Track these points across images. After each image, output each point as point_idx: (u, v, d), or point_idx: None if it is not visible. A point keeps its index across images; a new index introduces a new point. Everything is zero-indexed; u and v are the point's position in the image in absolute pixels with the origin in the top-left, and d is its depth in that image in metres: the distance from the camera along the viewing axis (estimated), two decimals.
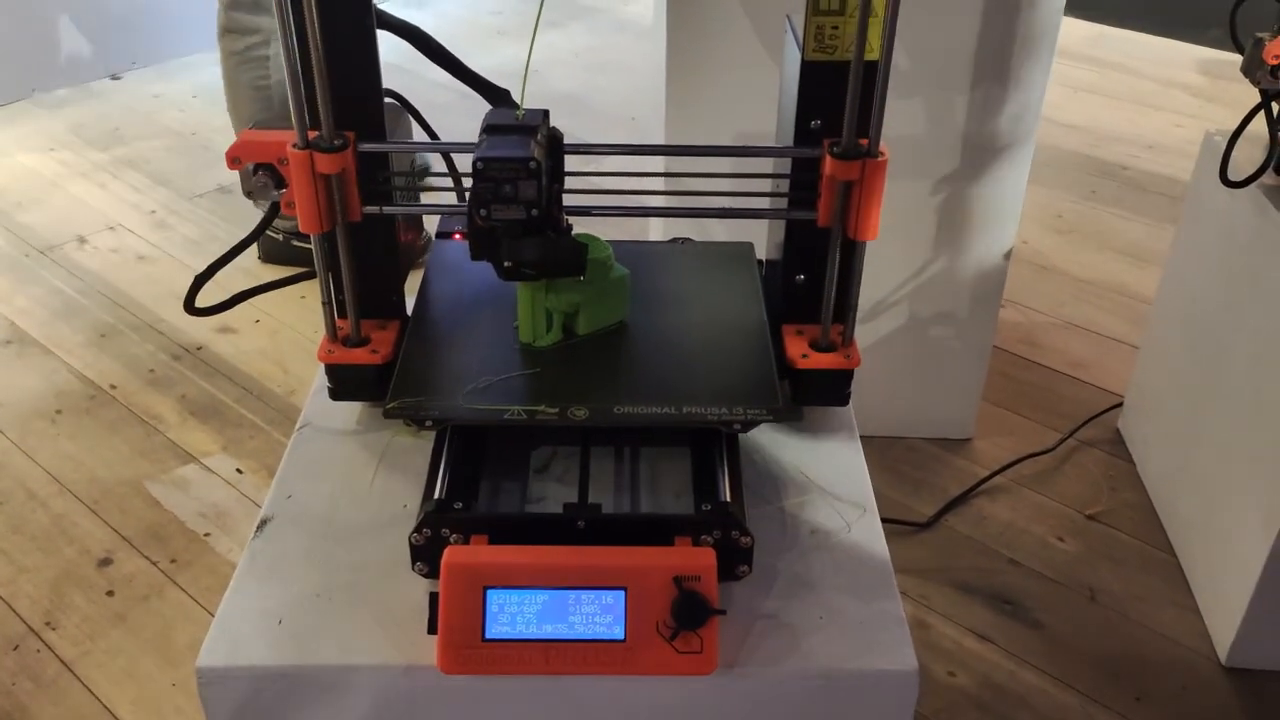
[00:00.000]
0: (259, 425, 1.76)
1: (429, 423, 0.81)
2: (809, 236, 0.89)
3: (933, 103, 1.47)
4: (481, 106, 0.89)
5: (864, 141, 0.83)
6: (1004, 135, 1.51)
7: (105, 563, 1.53)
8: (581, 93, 2.96)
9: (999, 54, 1.45)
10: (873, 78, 0.80)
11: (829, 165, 0.84)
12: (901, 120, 1.47)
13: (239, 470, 1.68)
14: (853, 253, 0.88)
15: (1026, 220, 2.31)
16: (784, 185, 0.90)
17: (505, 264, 0.81)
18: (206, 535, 1.58)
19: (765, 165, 0.92)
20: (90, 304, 2.06)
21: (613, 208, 0.87)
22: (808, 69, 0.84)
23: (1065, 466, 1.70)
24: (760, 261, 1.03)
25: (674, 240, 1.06)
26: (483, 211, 0.78)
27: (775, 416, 0.81)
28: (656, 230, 1.57)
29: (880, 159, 0.82)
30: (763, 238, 1.05)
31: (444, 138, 0.96)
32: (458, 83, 0.93)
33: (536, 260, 0.82)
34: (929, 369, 1.69)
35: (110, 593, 1.49)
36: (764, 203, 0.94)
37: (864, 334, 1.64)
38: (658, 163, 0.87)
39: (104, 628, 1.44)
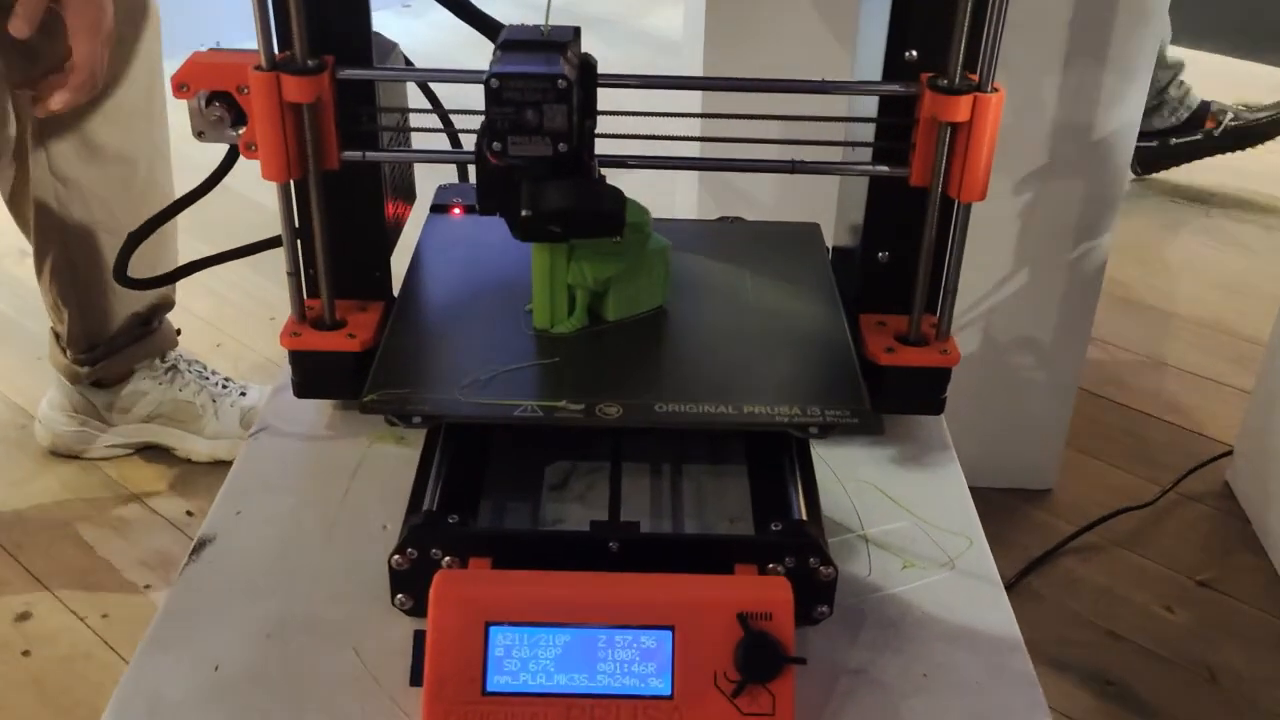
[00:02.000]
0: (216, 459, 1.68)
1: (417, 419, 0.76)
2: (896, 200, 0.84)
3: (1017, 80, 1.39)
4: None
5: (973, 76, 0.78)
6: (1102, 126, 1.43)
7: (23, 617, 1.45)
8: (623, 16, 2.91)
9: (1099, 27, 1.37)
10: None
11: (929, 103, 0.78)
12: None
13: (189, 513, 1.60)
14: (954, 219, 0.82)
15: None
16: (862, 137, 0.85)
17: (524, 214, 0.76)
18: (147, 587, 1.49)
19: (837, 110, 0.87)
20: (30, 323, 1.98)
21: (655, 158, 0.83)
22: None
23: (1167, 523, 1.63)
24: (827, 248, 1.00)
25: (721, 219, 1.03)
26: (496, 145, 0.73)
27: (861, 420, 0.76)
28: (693, 202, 1.50)
29: (996, 95, 0.77)
30: (826, 218, 0.99)
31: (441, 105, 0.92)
32: (450, 35, 0.88)
33: (565, 210, 0.76)
34: (1004, 406, 1.62)
35: (26, 653, 1.40)
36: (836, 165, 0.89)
37: None
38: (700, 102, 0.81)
39: (14, 694, 1.34)
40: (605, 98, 0.78)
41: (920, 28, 0.79)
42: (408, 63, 0.91)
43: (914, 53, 0.79)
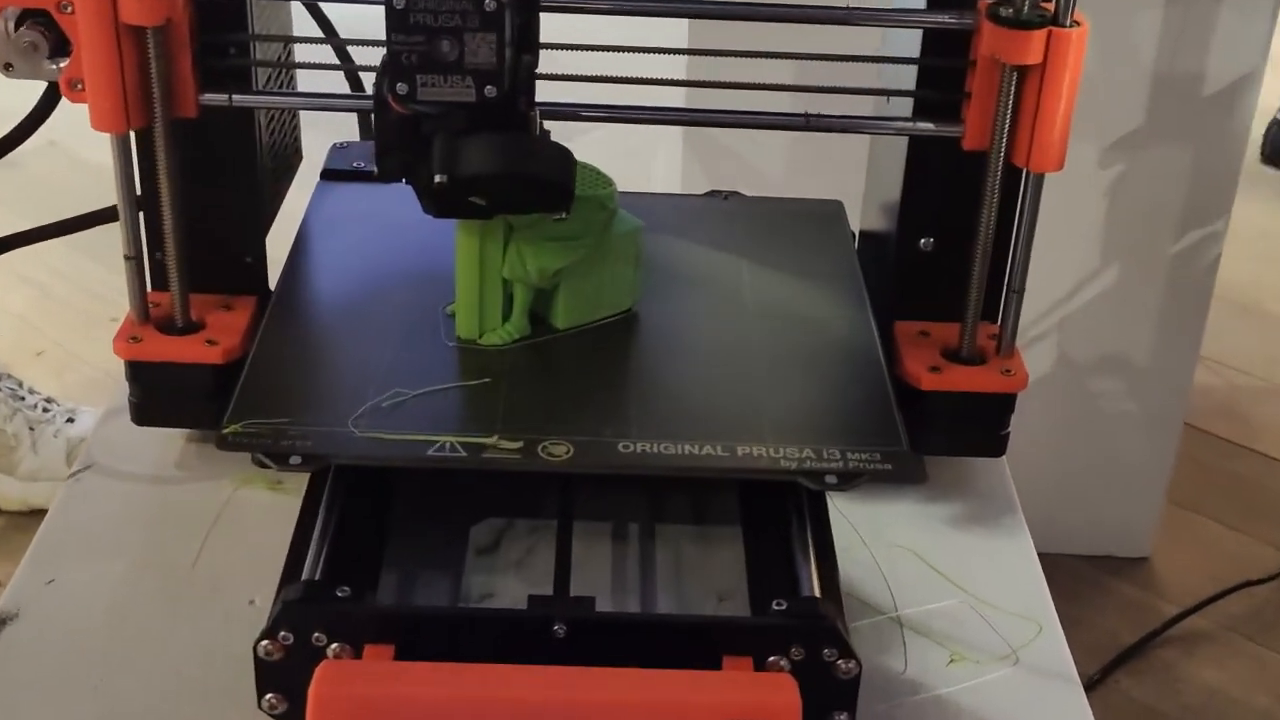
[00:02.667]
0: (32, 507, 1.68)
1: (296, 460, 0.77)
2: (944, 169, 0.86)
3: (1104, 17, 1.39)
4: None
5: (1046, 5, 0.79)
6: (1216, 78, 1.44)
7: None
8: None
9: None
10: None
11: (988, 39, 0.80)
12: None
13: None
14: (1022, 196, 0.84)
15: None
16: (900, 84, 0.87)
17: (436, 180, 0.77)
18: None
19: (867, 49, 0.88)
20: None
21: (623, 109, 0.83)
22: None
23: None
24: (852, 233, 1.02)
25: (711, 194, 1.05)
26: (401, 87, 0.75)
27: (896, 466, 0.78)
28: (676, 171, 1.51)
29: (1077, 30, 0.78)
30: (852, 193, 1.01)
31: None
32: None
33: (491, 176, 0.77)
34: (1086, 447, 1.63)
35: None
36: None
37: None
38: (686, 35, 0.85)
39: None
40: (553, 25, 0.79)
41: None
42: None
43: None
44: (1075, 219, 1.50)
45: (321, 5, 0.92)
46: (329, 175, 1.00)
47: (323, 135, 1.04)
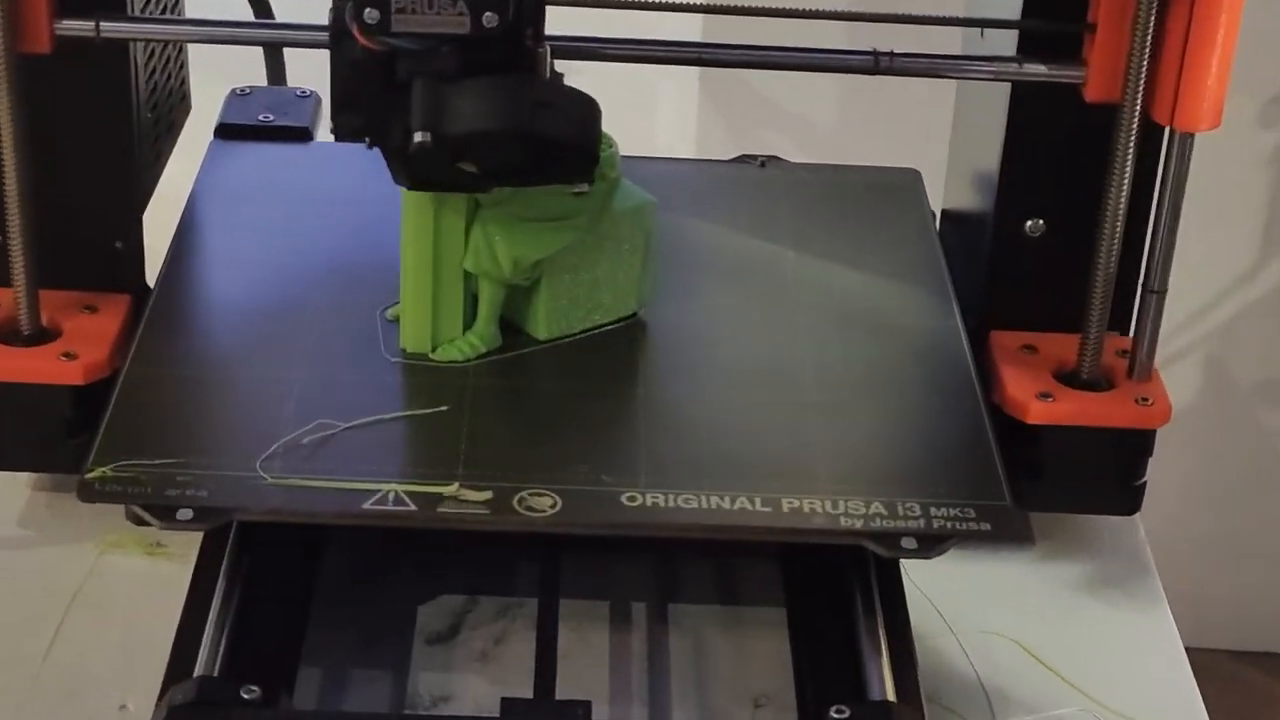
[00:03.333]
0: None
1: (186, 514, 0.78)
2: (1059, 127, 0.88)
3: None
4: None
5: None
6: None
7: None
8: None
9: None
10: None
11: None
12: None
13: None
14: (1166, 163, 0.86)
15: None
16: (1004, 9, 0.89)
17: (417, 140, 0.78)
18: None
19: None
20: None
21: (645, 43, 0.86)
22: None
23: None
24: (931, 212, 1.05)
25: (742, 159, 1.08)
26: (371, 14, 0.76)
27: (997, 527, 0.79)
28: (690, 128, 1.55)
29: None
30: (929, 160, 1.03)
31: None
32: None
33: (494, 135, 0.79)
34: (1247, 507, 1.66)
35: None
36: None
37: None
38: None
39: None
40: None
41: None
42: None
43: None
44: (1228, 195, 1.53)
45: None
46: (226, 132, 1.03)
47: (216, 77, 1.05)
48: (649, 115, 1.62)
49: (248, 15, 0.98)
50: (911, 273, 0.96)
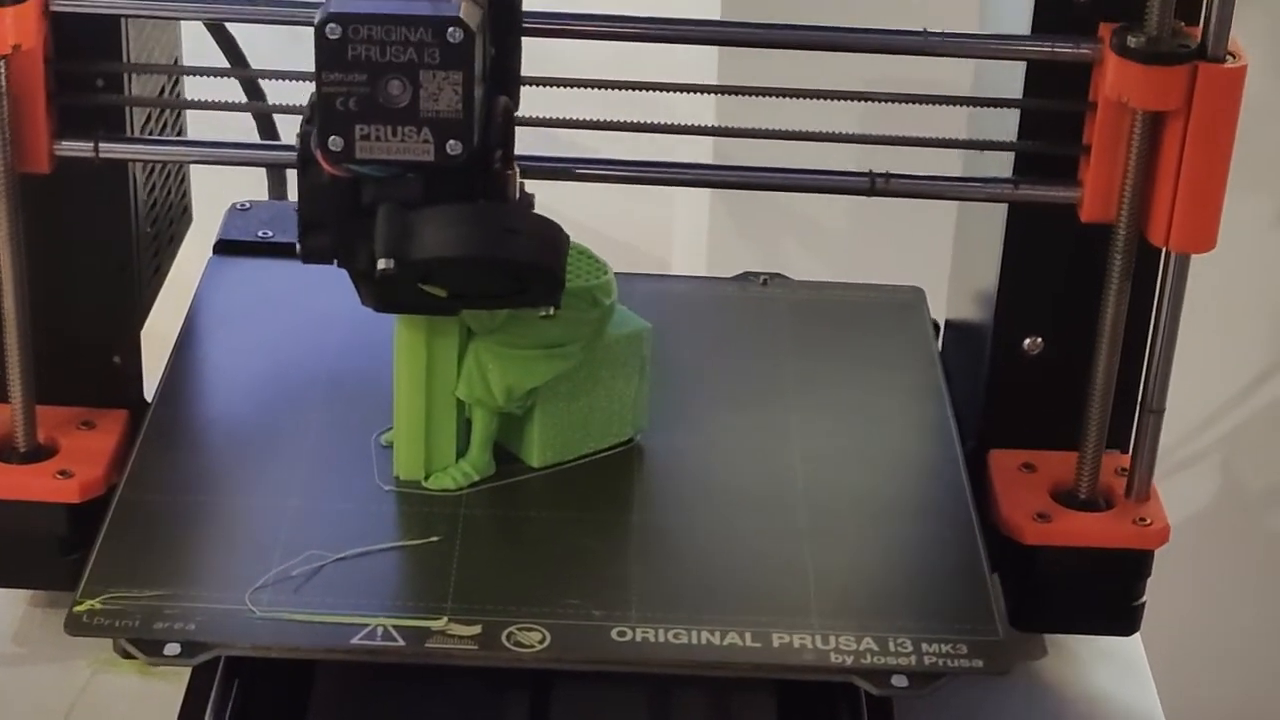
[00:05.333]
0: None
1: (174, 649, 0.79)
2: (1056, 246, 0.90)
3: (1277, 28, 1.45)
4: None
5: (1192, 31, 0.83)
6: None
7: None
8: None
9: None
10: None
11: (1114, 77, 0.84)
12: None
13: None
14: (1162, 283, 0.88)
15: None
16: (996, 134, 0.91)
17: (380, 269, 0.80)
18: None
19: (954, 87, 0.93)
20: None
21: (625, 165, 0.88)
22: None
23: None
24: (936, 325, 1.06)
25: (744, 277, 1.09)
26: (336, 142, 0.78)
27: (989, 662, 0.80)
28: (702, 244, 1.57)
29: (1232, 66, 0.82)
30: (936, 277, 1.04)
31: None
32: None
33: (456, 261, 0.80)
34: (1262, 621, 1.66)
35: None
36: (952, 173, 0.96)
37: None
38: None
39: None
40: (537, 52, 0.83)
41: None
42: None
43: None
44: (1238, 298, 1.53)
45: (228, 25, 0.96)
46: (225, 248, 1.04)
47: (218, 189, 1.07)
48: (662, 231, 1.64)
49: (251, 132, 0.99)
50: (911, 395, 0.97)
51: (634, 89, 0.86)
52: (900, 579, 0.85)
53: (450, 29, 0.75)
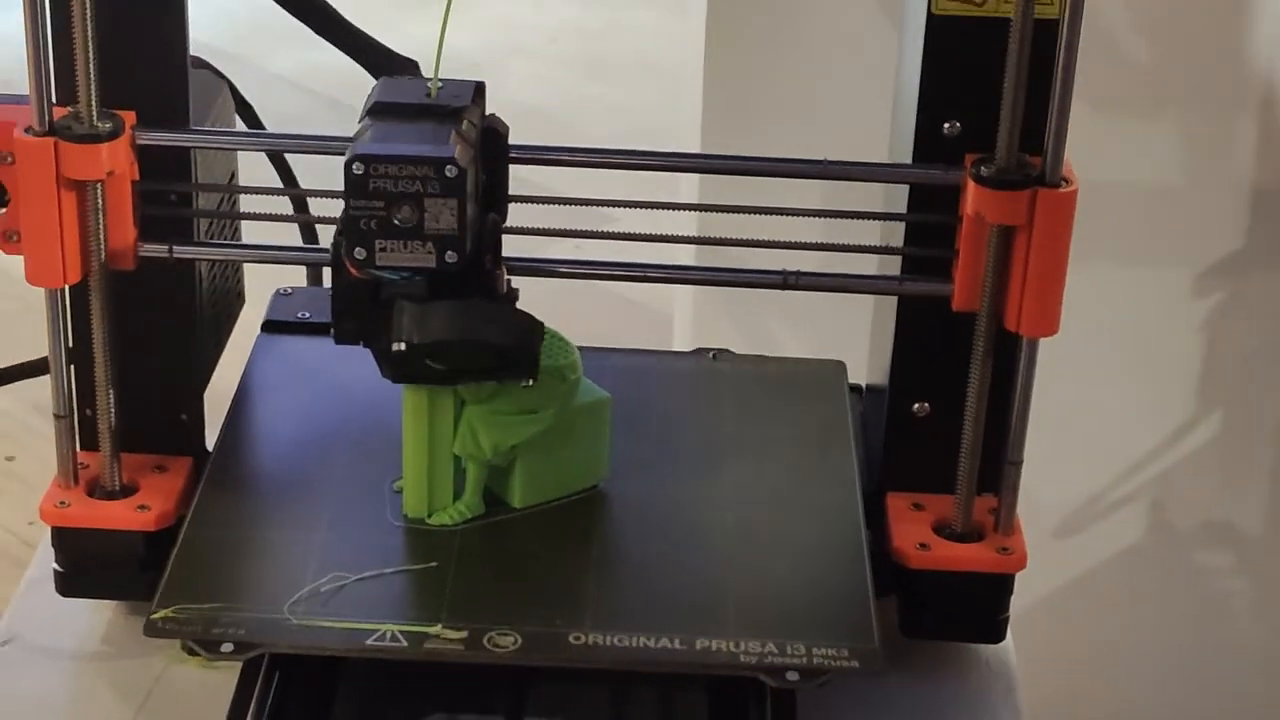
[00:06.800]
0: None
1: (228, 647, 0.90)
2: (936, 330, 1.00)
3: (1185, 123, 1.57)
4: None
5: (1035, 160, 0.93)
6: None
7: None
8: (557, 108, 3.17)
9: None
10: (1051, 50, 0.91)
11: (973, 197, 0.94)
12: (1124, 150, 1.57)
13: None
14: (1015, 360, 0.97)
15: None
16: (896, 238, 1.01)
17: (395, 348, 0.92)
18: None
19: (866, 199, 1.03)
20: None
21: (593, 265, 1.00)
22: (937, 30, 0.95)
23: None
24: (859, 389, 1.16)
25: (698, 352, 1.19)
26: (360, 252, 0.90)
27: (864, 663, 0.90)
28: (688, 321, 1.68)
29: (1064, 189, 0.93)
30: (859, 346, 1.14)
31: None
32: (315, 80, 1.05)
33: (453, 344, 0.92)
34: (1194, 639, 1.74)
35: None
36: (866, 269, 1.05)
37: (1059, 557, 1.71)
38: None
39: None
40: (524, 176, 0.96)
41: (961, 88, 0.95)
42: (243, 107, 1.10)
43: (956, 124, 0.96)
44: (1162, 358, 1.64)
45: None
46: (271, 327, 1.15)
47: (266, 279, 1.18)
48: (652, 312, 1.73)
49: (291, 232, 1.09)
50: (825, 449, 1.06)
51: (590, 205, 0.98)
52: (801, 598, 0.94)
53: (447, 166, 0.87)
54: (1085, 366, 1.61)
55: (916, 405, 1.03)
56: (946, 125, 0.97)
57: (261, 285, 1.20)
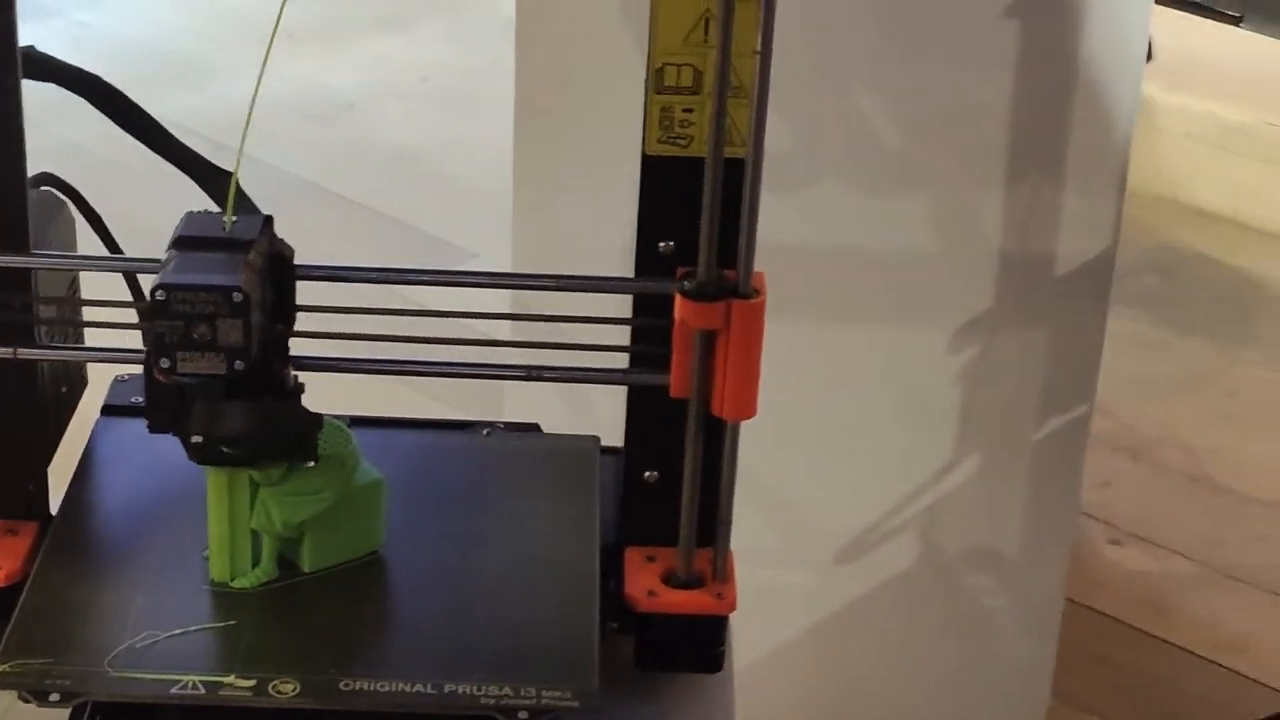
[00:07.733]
0: None
1: (55, 697, 0.97)
2: (659, 411, 1.10)
3: (944, 196, 1.72)
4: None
5: (731, 275, 1.02)
6: (1069, 248, 1.76)
7: None
8: (428, 149, 3.19)
9: (1050, 132, 1.74)
10: (738, 182, 1.01)
11: (679, 306, 1.04)
12: (881, 230, 1.71)
13: None
14: (722, 438, 1.07)
15: (1121, 384, 2.39)
16: (621, 338, 1.11)
17: (194, 439, 1.01)
18: None
19: (608, 307, 1.11)
20: None
21: (368, 362, 1.10)
22: (651, 168, 1.07)
23: None
24: (616, 451, 1.21)
25: (471, 426, 1.30)
26: (164, 361, 0.99)
27: (583, 703, 0.99)
28: (495, 390, 1.78)
29: (754, 300, 1.02)
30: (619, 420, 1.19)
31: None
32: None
33: (240, 435, 1.02)
34: (953, 642, 1.85)
35: None
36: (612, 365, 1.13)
37: (842, 580, 1.85)
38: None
39: None
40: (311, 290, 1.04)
41: (672, 214, 1.05)
42: (93, 219, 1.23)
43: (669, 243, 1.06)
44: (928, 405, 1.78)
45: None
46: (110, 410, 1.21)
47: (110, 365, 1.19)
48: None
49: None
50: (572, 512, 1.16)
51: (380, 314, 1.07)
52: (537, 645, 1.03)
53: (234, 293, 0.97)
54: (861, 412, 1.75)
55: (647, 473, 1.12)
56: (661, 244, 1.07)
57: (108, 368, 1.23)
